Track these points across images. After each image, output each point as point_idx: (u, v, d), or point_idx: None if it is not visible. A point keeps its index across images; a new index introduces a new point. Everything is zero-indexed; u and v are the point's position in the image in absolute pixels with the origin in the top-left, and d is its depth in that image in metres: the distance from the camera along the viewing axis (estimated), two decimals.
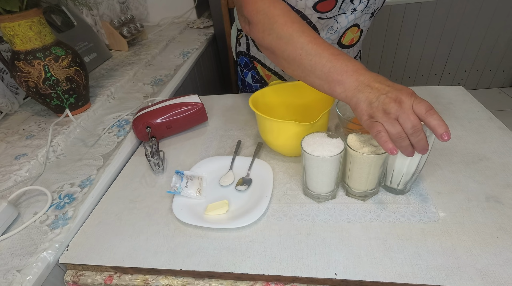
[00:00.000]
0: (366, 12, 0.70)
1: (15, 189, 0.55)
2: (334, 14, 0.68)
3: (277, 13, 0.49)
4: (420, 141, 0.38)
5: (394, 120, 0.38)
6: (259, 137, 0.66)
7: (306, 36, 0.46)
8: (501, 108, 2.10)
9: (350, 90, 0.42)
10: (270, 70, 0.85)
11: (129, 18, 1.25)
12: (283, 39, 0.48)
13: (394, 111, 0.38)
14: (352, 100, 0.42)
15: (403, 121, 0.38)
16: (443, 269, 0.37)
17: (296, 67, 0.49)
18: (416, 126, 0.37)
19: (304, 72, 0.48)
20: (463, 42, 2.06)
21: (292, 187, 0.52)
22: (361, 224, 0.44)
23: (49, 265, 0.44)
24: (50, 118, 0.77)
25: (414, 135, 0.38)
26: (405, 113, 0.37)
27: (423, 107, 0.37)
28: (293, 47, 0.47)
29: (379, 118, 0.39)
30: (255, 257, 0.42)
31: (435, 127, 0.37)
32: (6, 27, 0.62)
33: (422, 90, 0.76)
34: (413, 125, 0.37)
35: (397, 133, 0.38)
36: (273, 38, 0.50)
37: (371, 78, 0.42)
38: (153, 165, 0.58)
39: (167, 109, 0.67)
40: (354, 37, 0.75)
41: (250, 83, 0.91)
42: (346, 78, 0.43)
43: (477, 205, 0.45)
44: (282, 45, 0.48)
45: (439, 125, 0.37)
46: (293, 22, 0.48)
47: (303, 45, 0.46)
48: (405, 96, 0.38)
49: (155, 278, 0.43)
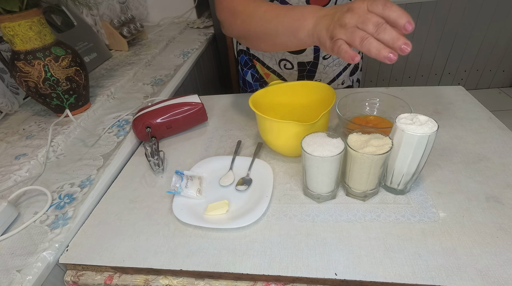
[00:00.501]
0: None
1: (15, 189, 0.55)
2: None
3: (235, 4, 0.55)
4: (389, 33, 0.35)
5: (353, 28, 0.36)
6: (259, 137, 0.66)
7: (262, 7, 0.51)
8: (501, 108, 2.10)
9: (311, 28, 0.43)
10: (269, 69, 0.85)
11: (129, 18, 1.25)
12: (245, 21, 0.53)
13: (349, 21, 0.37)
14: (314, 35, 0.43)
15: (363, 25, 0.36)
16: (443, 269, 0.37)
17: (265, 38, 0.52)
18: (378, 21, 0.35)
19: (272, 39, 0.51)
20: (463, 42, 2.06)
21: (292, 187, 0.52)
22: (361, 224, 0.44)
23: (49, 265, 0.44)
24: (50, 118, 0.77)
25: (380, 31, 0.35)
26: (361, 16, 0.36)
27: (380, 4, 0.35)
28: (255, 23, 0.51)
29: (337, 35, 0.38)
30: (255, 257, 0.42)
31: (396, 18, 0.34)
32: (6, 27, 0.62)
33: (422, 90, 0.76)
34: (373, 23, 0.35)
35: (359, 37, 0.36)
36: (238, 25, 0.55)
37: (327, 9, 0.42)
38: (153, 165, 0.58)
39: (167, 109, 0.67)
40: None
41: (250, 81, 0.92)
42: (304, 21, 0.44)
43: (477, 205, 0.45)
44: (247, 25, 0.53)
45: (400, 16, 0.34)
46: (250, 3, 0.53)
47: (261, 16, 0.50)
48: (356, 3, 0.37)
49: (155, 278, 0.43)
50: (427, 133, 0.40)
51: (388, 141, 0.44)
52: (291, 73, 0.83)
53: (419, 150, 0.42)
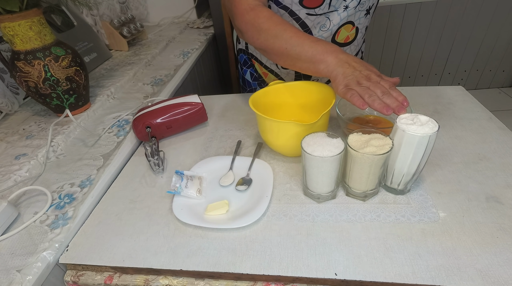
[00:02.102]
0: (360, 9, 0.70)
1: (15, 189, 0.55)
2: (324, 11, 0.68)
3: (261, 21, 0.58)
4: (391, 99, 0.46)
5: (366, 88, 0.47)
6: (259, 137, 0.66)
7: (288, 32, 0.56)
8: (501, 108, 2.10)
9: (332, 65, 0.52)
10: (267, 68, 0.85)
11: (129, 18, 1.25)
12: (269, 40, 0.58)
13: (365, 83, 0.48)
14: (332, 73, 0.52)
15: (374, 89, 0.47)
16: (443, 269, 0.37)
17: (285, 58, 0.58)
18: (385, 91, 0.47)
19: (292, 61, 0.57)
20: (463, 42, 2.06)
21: (292, 187, 0.52)
22: (361, 224, 0.44)
23: (49, 265, 0.44)
24: (50, 118, 0.77)
25: (385, 97, 0.46)
26: (374, 84, 0.48)
27: (387, 84, 0.48)
28: (279, 44, 0.57)
29: (353, 86, 0.48)
30: (255, 257, 0.41)
31: (397, 97, 0.46)
32: (6, 27, 0.62)
33: (422, 90, 0.76)
34: (382, 91, 0.47)
35: (368, 94, 0.47)
36: (262, 41, 0.59)
37: (349, 58, 0.52)
38: (153, 165, 0.58)
39: (167, 109, 0.67)
40: (349, 35, 0.75)
41: (249, 80, 0.92)
42: (327, 57, 0.52)
43: (477, 205, 0.45)
44: (270, 44, 0.58)
45: (399, 95, 0.47)
46: (276, 25, 0.57)
47: (287, 40, 0.56)
48: (373, 74, 0.50)
49: (155, 278, 0.43)
50: (428, 134, 0.40)
51: (389, 141, 0.44)
52: (289, 72, 0.83)
53: (419, 150, 0.42)
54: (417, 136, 0.40)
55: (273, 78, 0.87)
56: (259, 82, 0.90)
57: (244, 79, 0.94)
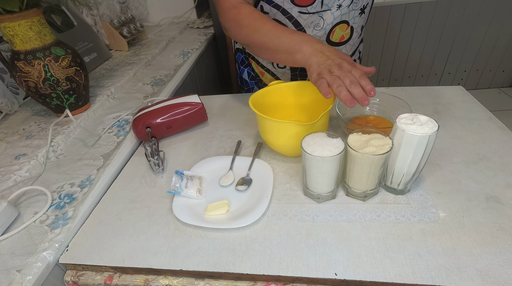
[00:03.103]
0: (354, 8, 0.70)
1: (15, 189, 0.55)
2: (317, 10, 0.68)
3: (242, 17, 0.62)
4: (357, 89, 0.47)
5: (336, 77, 0.49)
6: (259, 137, 0.66)
7: (267, 26, 0.59)
8: (501, 108, 2.10)
9: (307, 55, 0.54)
10: (263, 67, 0.86)
11: (129, 18, 1.25)
12: (250, 34, 0.61)
13: (336, 71, 0.49)
14: (307, 62, 0.53)
15: (343, 78, 0.48)
16: (443, 269, 0.37)
17: (265, 51, 0.61)
18: (353, 81, 0.47)
19: (272, 53, 0.60)
20: (463, 42, 2.06)
21: (292, 187, 0.52)
22: (361, 224, 0.44)
23: (49, 265, 0.44)
24: (50, 118, 0.77)
25: (352, 87, 0.47)
26: (344, 72, 0.49)
27: (358, 73, 0.48)
28: (259, 37, 0.60)
29: (325, 75, 0.50)
30: (255, 257, 0.42)
31: (364, 86, 0.47)
32: (6, 27, 0.62)
33: (422, 90, 0.76)
34: (350, 80, 0.47)
35: (337, 84, 0.48)
36: (243, 36, 0.63)
37: (323, 47, 0.54)
38: (153, 165, 0.58)
39: (167, 109, 0.67)
40: (344, 34, 0.75)
41: (246, 79, 0.92)
42: (303, 46, 0.54)
43: (477, 205, 0.45)
44: (251, 38, 0.61)
45: (367, 84, 0.47)
46: (256, 20, 0.61)
47: (266, 33, 0.59)
48: (346, 63, 0.50)
49: (155, 278, 0.43)
50: (428, 133, 0.40)
51: (388, 141, 0.44)
52: (284, 72, 0.84)
53: (419, 150, 0.42)
54: (417, 136, 0.40)
55: (269, 78, 0.87)
56: (256, 81, 0.91)
57: (241, 78, 0.94)
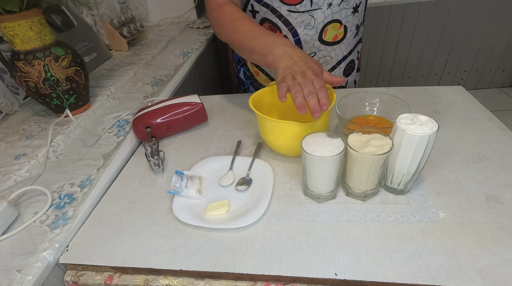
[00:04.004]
0: (345, 6, 0.70)
1: (15, 189, 0.55)
2: (307, 9, 0.68)
3: (224, 17, 0.65)
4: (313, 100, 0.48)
5: (297, 84, 0.50)
6: (259, 137, 0.66)
7: (245, 27, 0.61)
8: (501, 108, 2.10)
9: (277, 57, 0.55)
10: (258, 67, 0.85)
11: (129, 18, 1.25)
12: (230, 34, 0.64)
13: (298, 78, 0.50)
14: (275, 64, 0.55)
15: (303, 86, 0.49)
16: (443, 269, 0.37)
17: (243, 51, 0.64)
18: (312, 91, 0.49)
19: (249, 53, 0.62)
20: (463, 42, 2.06)
21: (292, 187, 0.52)
22: (361, 224, 0.44)
23: (49, 265, 0.44)
24: (50, 118, 0.77)
25: (309, 97, 0.48)
26: (306, 81, 0.50)
27: (318, 84, 0.49)
28: (237, 38, 0.62)
29: (287, 79, 0.51)
30: (255, 257, 0.42)
31: (321, 98, 0.48)
32: (6, 27, 0.62)
33: (422, 90, 0.76)
34: (309, 90, 0.49)
35: (295, 90, 0.49)
36: (224, 35, 0.66)
37: (294, 52, 0.55)
38: (153, 165, 0.58)
39: (167, 109, 0.67)
40: (338, 33, 0.74)
41: (243, 79, 0.92)
42: (275, 49, 0.56)
43: (477, 205, 0.45)
44: (230, 38, 0.64)
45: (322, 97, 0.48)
46: (235, 20, 0.63)
47: (243, 34, 0.61)
48: (310, 72, 0.51)
49: (155, 278, 0.43)
50: (428, 133, 0.40)
51: (388, 141, 0.44)
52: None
53: (419, 150, 0.42)
54: (417, 136, 0.40)
55: (264, 78, 0.87)
56: (252, 81, 0.90)
57: (238, 77, 0.94)
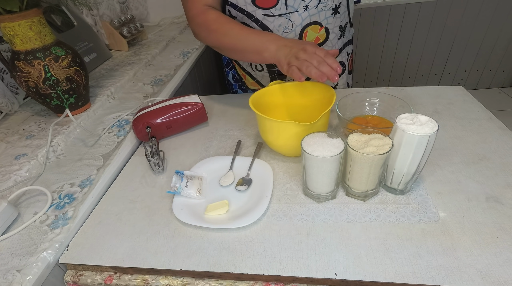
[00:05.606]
0: (323, 8, 0.70)
1: (15, 189, 0.55)
2: (282, 12, 0.68)
3: (210, 23, 0.66)
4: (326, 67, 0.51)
5: (304, 60, 0.53)
6: (259, 137, 0.66)
7: (235, 30, 0.63)
8: (501, 108, 2.10)
9: (273, 51, 0.58)
10: (244, 70, 0.85)
11: (129, 18, 1.25)
12: (220, 38, 0.65)
13: (302, 56, 0.53)
14: (275, 58, 0.58)
15: (310, 60, 0.52)
16: (443, 269, 0.37)
17: (235, 52, 0.66)
18: (320, 61, 0.52)
19: (242, 54, 0.64)
20: (463, 42, 2.06)
21: (292, 187, 0.52)
22: (361, 224, 0.44)
23: (49, 265, 0.44)
24: (50, 118, 0.77)
25: (321, 66, 0.51)
26: (310, 55, 0.53)
27: (322, 53, 0.53)
28: (228, 41, 0.64)
29: (293, 62, 0.54)
30: (255, 257, 0.42)
31: (331, 64, 0.51)
32: (6, 27, 0.62)
33: (422, 90, 0.76)
34: (318, 61, 0.52)
35: (305, 65, 0.52)
36: (213, 40, 0.67)
37: (286, 41, 0.58)
38: (153, 165, 0.58)
39: (167, 109, 0.67)
40: (319, 36, 0.74)
41: (231, 82, 0.92)
42: (269, 45, 0.59)
43: (477, 205, 0.45)
44: (221, 42, 0.65)
45: (333, 62, 0.52)
46: (223, 24, 0.65)
47: (234, 36, 0.63)
48: (308, 46, 0.55)
49: (155, 278, 0.43)
50: (428, 133, 0.40)
51: (388, 141, 0.44)
52: (263, 74, 0.83)
53: (419, 150, 0.42)
54: (417, 136, 0.40)
55: (251, 81, 0.87)
56: (240, 84, 0.90)
57: (227, 80, 0.94)
